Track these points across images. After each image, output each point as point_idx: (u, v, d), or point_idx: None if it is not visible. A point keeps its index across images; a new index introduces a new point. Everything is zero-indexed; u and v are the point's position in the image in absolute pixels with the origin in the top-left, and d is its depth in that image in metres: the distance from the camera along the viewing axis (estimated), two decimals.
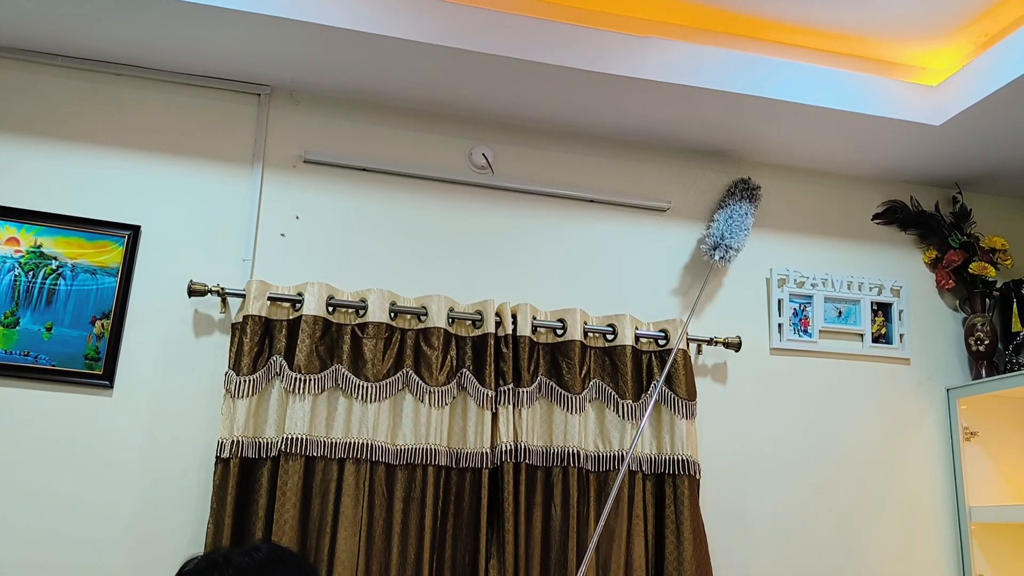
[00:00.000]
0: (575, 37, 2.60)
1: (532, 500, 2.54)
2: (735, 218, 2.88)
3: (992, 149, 2.97)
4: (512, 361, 2.61)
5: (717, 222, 2.90)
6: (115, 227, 2.57)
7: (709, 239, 2.88)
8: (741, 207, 2.91)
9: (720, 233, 2.85)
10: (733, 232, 2.85)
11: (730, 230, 2.85)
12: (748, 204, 2.93)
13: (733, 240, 2.84)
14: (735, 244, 2.85)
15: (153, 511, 2.42)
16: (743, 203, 2.92)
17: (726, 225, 2.86)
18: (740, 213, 2.89)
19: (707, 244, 2.87)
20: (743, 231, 2.87)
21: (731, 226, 2.86)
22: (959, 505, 2.96)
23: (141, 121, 2.68)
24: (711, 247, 2.86)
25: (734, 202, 2.94)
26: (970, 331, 3.08)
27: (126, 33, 2.50)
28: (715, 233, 2.87)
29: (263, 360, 2.49)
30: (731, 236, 2.84)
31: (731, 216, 2.88)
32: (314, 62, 2.62)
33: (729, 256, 2.85)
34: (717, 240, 2.85)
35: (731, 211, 2.90)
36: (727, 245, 2.83)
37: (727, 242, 2.83)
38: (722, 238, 2.84)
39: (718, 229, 2.87)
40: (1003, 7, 2.59)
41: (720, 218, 2.91)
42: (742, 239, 2.87)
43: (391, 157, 2.83)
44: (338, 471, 2.43)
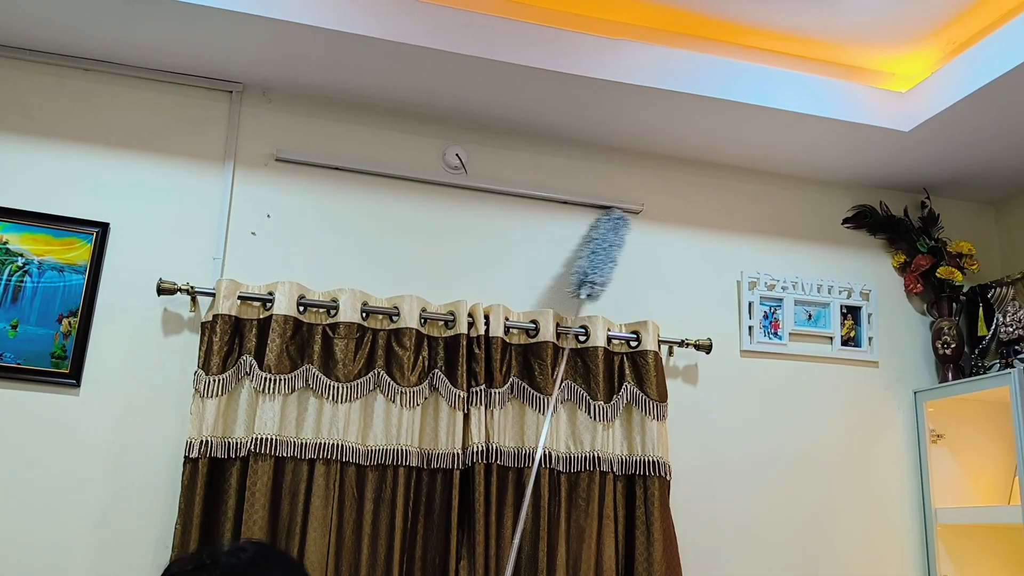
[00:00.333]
0: (548, 39, 2.60)
1: (503, 501, 2.54)
2: (598, 253, 2.81)
3: (960, 155, 3.01)
4: (484, 362, 2.61)
5: (581, 258, 2.83)
6: (83, 224, 2.54)
7: (574, 276, 2.80)
8: (606, 240, 2.84)
9: (583, 270, 2.78)
10: (596, 267, 2.77)
11: (593, 266, 2.77)
12: (613, 235, 2.87)
13: (597, 275, 2.76)
14: (599, 279, 2.76)
15: (120, 512, 2.40)
16: (608, 235, 2.86)
17: (589, 261, 2.79)
18: (604, 247, 2.82)
19: (572, 281, 2.80)
20: (608, 264, 2.80)
21: (594, 261, 2.78)
22: (925, 506, 3.00)
23: (111, 117, 2.65)
24: (576, 284, 2.77)
25: (598, 235, 2.87)
26: (937, 335, 3.12)
27: (96, 28, 2.48)
28: (579, 270, 2.79)
29: (233, 360, 2.47)
30: (595, 271, 2.76)
31: (594, 252, 2.81)
32: (287, 60, 2.60)
33: (595, 292, 2.75)
34: (581, 278, 2.77)
35: (595, 246, 2.83)
36: (591, 282, 2.75)
37: (591, 278, 2.75)
38: (585, 275, 2.76)
39: (582, 266, 2.79)
40: (971, 15, 2.63)
41: (584, 254, 2.84)
42: (607, 273, 2.79)
43: (364, 156, 2.82)
44: (308, 472, 2.41)
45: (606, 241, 2.85)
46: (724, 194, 3.14)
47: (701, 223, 3.09)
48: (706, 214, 3.10)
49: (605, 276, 2.78)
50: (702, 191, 3.12)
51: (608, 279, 2.79)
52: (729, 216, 3.12)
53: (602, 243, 2.84)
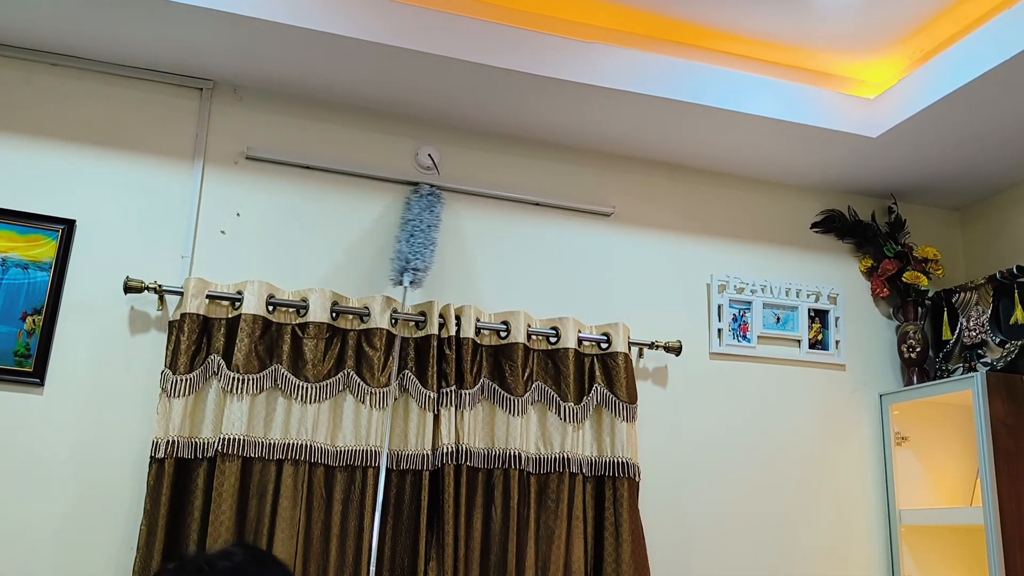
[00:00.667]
0: (521, 40, 2.61)
1: (473, 502, 2.54)
2: (416, 236, 2.67)
3: (926, 162, 3.05)
4: (455, 363, 2.61)
5: (400, 243, 2.68)
6: (49, 221, 2.50)
7: (395, 263, 2.66)
8: (422, 220, 2.70)
9: (404, 255, 2.64)
10: (417, 251, 2.64)
11: (413, 250, 2.64)
12: (428, 215, 2.72)
13: (419, 261, 2.63)
14: (422, 265, 2.64)
15: (84, 512, 2.36)
16: (423, 215, 2.71)
17: (408, 246, 2.65)
18: (421, 228, 2.69)
19: (394, 269, 2.66)
20: (428, 247, 2.67)
21: (414, 245, 2.64)
22: (890, 508, 3.04)
23: (78, 113, 2.62)
24: (398, 271, 2.64)
25: (413, 216, 2.72)
26: (903, 338, 3.16)
27: (64, 23, 2.44)
28: (399, 255, 2.65)
29: (200, 359, 2.45)
30: (416, 256, 2.63)
31: (412, 235, 2.67)
32: (258, 58, 2.59)
33: (418, 278, 2.64)
34: (403, 264, 2.63)
35: (412, 228, 2.68)
36: (414, 268, 2.62)
37: (413, 264, 2.62)
38: (407, 261, 2.63)
39: (402, 251, 2.65)
40: (938, 24, 2.67)
41: (402, 238, 2.68)
42: (429, 257, 2.66)
43: (335, 155, 2.80)
44: (276, 472, 2.40)
45: (422, 222, 2.70)
46: (694, 197, 3.16)
47: (671, 226, 3.10)
48: (676, 217, 3.12)
49: (427, 260, 2.65)
50: (672, 194, 3.14)
51: (430, 263, 2.66)
52: (699, 219, 3.14)
53: (419, 224, 2.69)
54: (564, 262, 2.96)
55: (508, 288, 2.87)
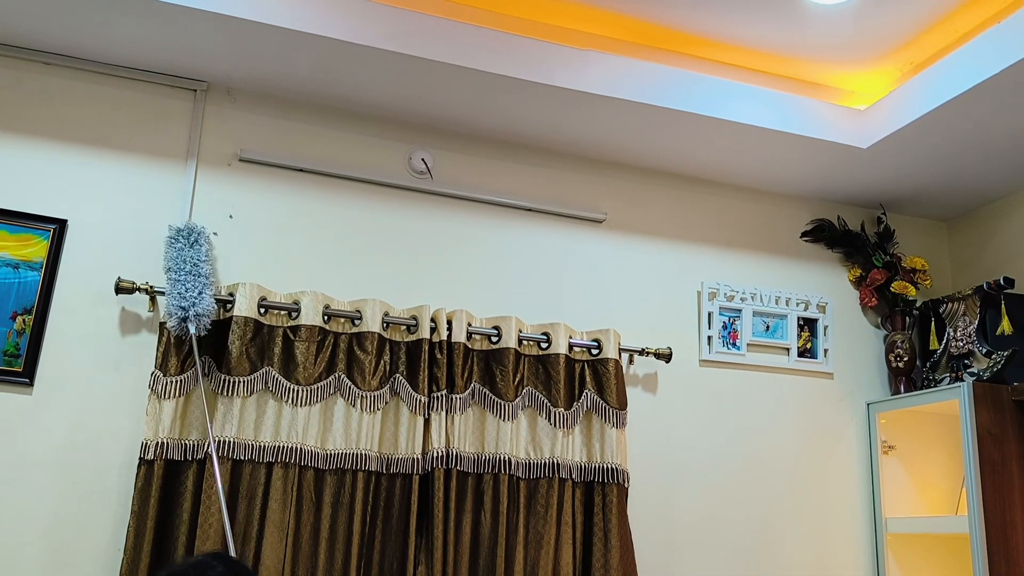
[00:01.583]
0: (516, 47, 2.62)
1: (462, 507, 2.54)
2: (183, 277, 2.40)
3: (915, 173, 3.07)
4: (446, 367, 2.61)
5: (169, 294, 2.39)
6: (40, 220, 2.49)
7: (172, 317, 2.36)
8: (186, 262, 2.43)
9: (178, 303, 2.37)
10: (190, 294, 2.38)
11: (189, 296, 2.37)
12: (192, 251, 2.46)
13: (200, 304, 2.38)
14: (204, 309, 2.38)
15: (72, 513, 2.35)
16: (185, 254, 2.44)
17: (181, 292, 2.38)
18: (186, 270, 2.42)
19: (173, 321, 2.36)
20: (204, 287, 2.41)
21: (189, 290, 2.38)
22: (876, 516, 3.05)
23: (71, 113, 2.61)
24: (180, 320, 2.36)
25: (173, 262, 2.43)
26: (890, 348, 3.18)
27: (56, 22, 2.43)
28: (173, 306, 2.37)
29: (191, 361, 2.44)
30: (197, 302, 2.38)
31: (178, 279, 2.40)
32: (253, 60, 2.59)
33: (203, 323, 2.39)
34: (184, 314, 2.36)
35: (176, 271, 2.41)
36: (196, 313, 2.37)
37: (196, 309, 2.37)
38: (187, 309, 2.37)
39: (175, 301, 2.37)
40: (929, 37, 2.69)
41: (169, 286, 2.40)
42: (208, 298, 2.41)
43: (329, 158, 2.81)
44: (266, 475, 2.39)
45: (186, 262, 2.43)
46: (686, 205, 3.18)
47: (663, 233, 3.12)
48: (668, 224, 3.13)
49: (207, 304, 2.40)
50: (664, 202, 3.15)
51: (211, 307, 2.42)
52: (690, 227, 3.16)
53: (184, 266, 2.42)
54: (556, 268, 2.96)
55: (500, 293, 2.87)
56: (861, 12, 2.58)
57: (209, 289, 2.44)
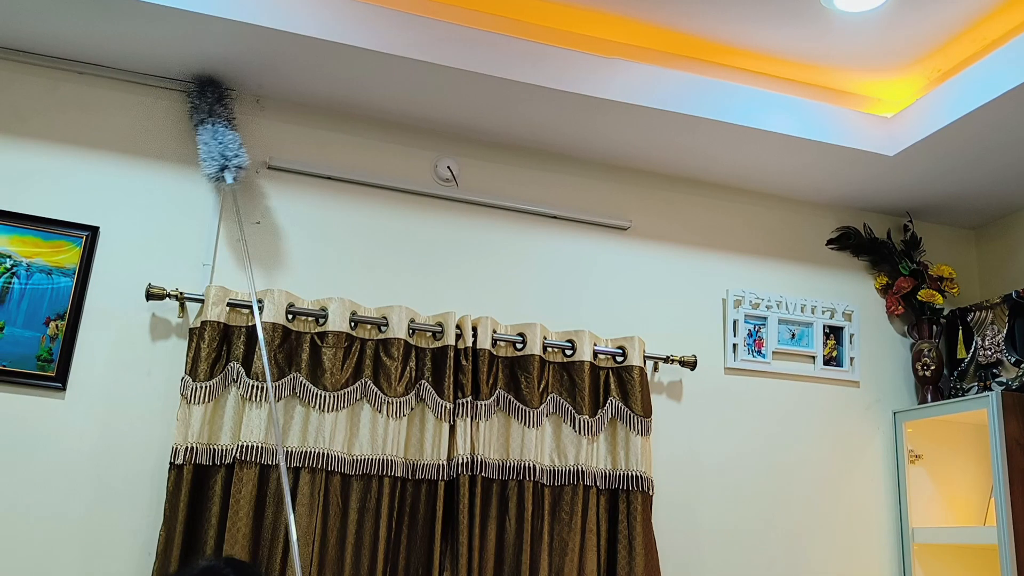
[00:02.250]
0: (542, 55, 2.63)
1: (487, 513, 2.55)
2: (221, 132, 2.56)
3: (942, 181, 3.06)
4: (471, 374, 2.62)
5: (205, 143, 2.55)
6: (73, 227, 2.53)
7: (210, 163, 2.54)
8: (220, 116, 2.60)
9: (219, 152, 2.53)
10: (230, 147, 2.53)
11: (227, 146, 2.53)
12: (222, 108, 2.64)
13: (238, 158, 2.55)
14: (242, 161, 2.56)
15: (104, 517, 2.38)
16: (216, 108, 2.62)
17: (218, 143, 2.53)
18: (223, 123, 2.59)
19: (210, 168, 2.54)
20: (238, 141, 2.58)
21: (225, 142, 2.54)
22: (902, 525, 3.03)
23: (103, 121, 2.65)
24: (217, 170, 2.54)
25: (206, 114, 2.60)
26: (917, 356, 3.16)
27: (90, 32, 2.48)
28: (212, 154, 2.53)
29: (220, 366, 2.47)
30: (234, 154, 2.53)
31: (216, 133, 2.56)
32: (281, 69, 2.62)
33: (240, 176, 2.56)
34: (222, 163, 2.52)
35: (214, 125, 2.57)
36: (236, 165, 2.54)
37: (235, 162, 2.53)
38: (226, 159, 2.53)
39: (213, 149, 2.53)
40: (956, 44, 2.68)
41: (205, 137, 2.56)
42: (243, 152, 2.57)
43: (356, 166, 2.83)
44: (293, 480, 2.41)
45: (221, 116, 2.60)
46: (711, 213, 3.17)
47: (688, 240, 3.12)
48: (693, 232, 3.13)
49: (243, 156, 2.56)
50: (690, 209, 3.15)
51: (245, 158, 2.57)
52: (716, 234, 3.16)
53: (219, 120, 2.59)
54: (581, 275, 2.97)
55: (525, 300, 2.88)
56: (888, 20, 2.57)
57: (241, 145, 2.58)
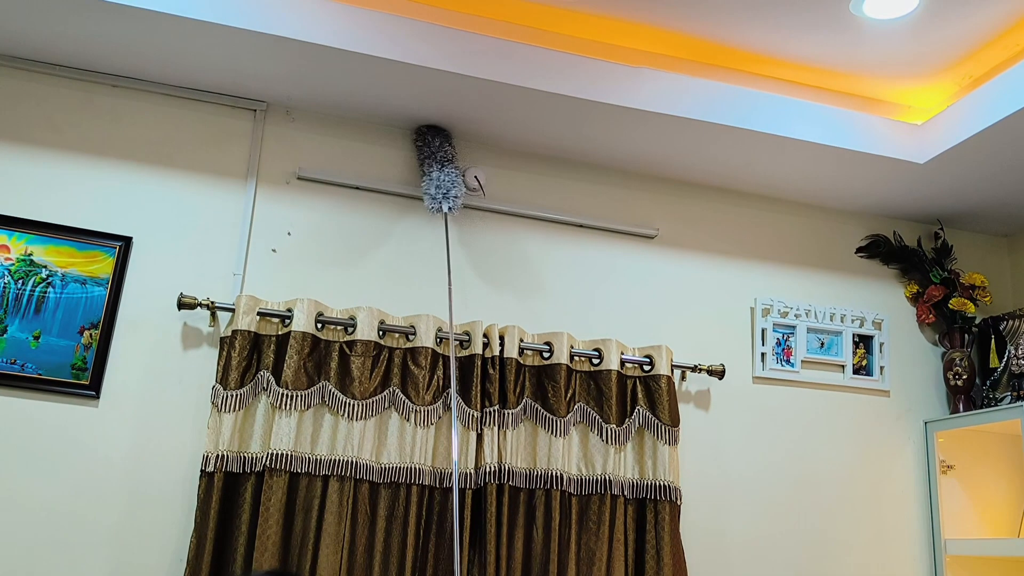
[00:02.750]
0: (568, 65, 2.64)
1: (514, 522, 2.55)
2: (446, 166, 2.75)
3: (973, 188, 3.03)
4: (498, 382, 2.63)
5: (428, 175, 2.75)
6: (107, 238, 2.57)
7: (432, 192, 2.72)
8: (446, 152, 2.80)
9: (442, 185, 2.71)
10: (451, 180, 2.72)
11: (449, 179, 2.72)
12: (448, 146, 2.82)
13: (456, 189, 2.72)
14: (459, 192, 2.73)
15: (136, 523, 2.42)
16: (444, 146, 2.81)
17: (442, 174, 2.73)
18: (448, 158, 2.78)
19: (431, 198, 2.72)
20: (458, 176, 2.76)
21: (447, 174, 2.73)
22: (935, 537, 3.00)
23: (136, 133, 2.69)
24: (437, 199, 2.71)
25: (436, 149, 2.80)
26: (949, 365, 3.12)
27: (123, 45, 2.52)
28: (434, 185, 2.72)
29: (251, 375, 2.50)
30: (453, 185, 2.72)
31: (443, 165, 2.75)
32: (311, 80, 2.65)
33: (456, 206, 2.72)
34: (442, 193, 2.71)
35: (440, 159, 2.77)
36: (454, 196, 2.71)
37: (453, 193, 2.71)
38: (447, 190, 2.71)
39: (435, 180, 2.72)
40: (987, 51, 2.65)
41: (432, 169, 2.76)
42: (460, 185, 2.75)
43: (384, 176, 2.85)
44: (322, 488, 2.43)
45: (447, 152, 2.79)
46: (739, 221, 3.16)
47: (715, 249, 3.11)
48: (721, 240, 3.12)
49: (460, 188, 2.73)
50: (717, 217, 3.14)
51: (462, 191, 2.74)
52: (743, 243, 3.14)
53: (444, 155, 2.78)
54: (608, 284, 2.97)
55: (551, 309, 2.89)
56: (918, 27, 2.55)
57: (461, 178, 2.77)
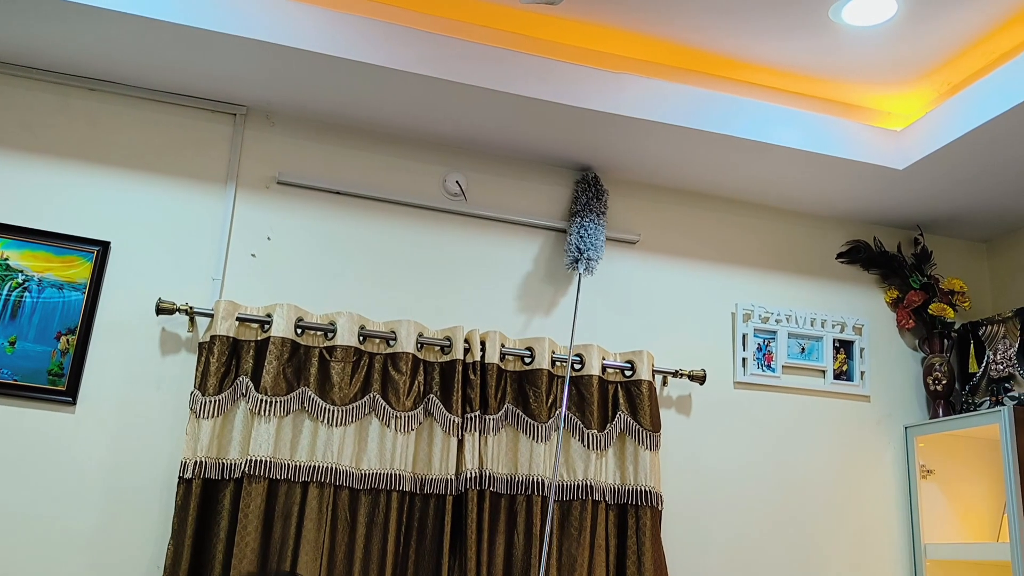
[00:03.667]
0: (549, 70, 2.64)
1: (495, 528, 2.54)
2: (588, 228, 2.85)
3: (952, 194, 3.05)
4: (480, 388, 2.62)
5: (571, 233, 2.88)
6: (84, 242, 2.55)
7: (569, 252, 2.86)
8: (591, 211, 2.89)
9: (576, 246, 2.83)
10: (589, 242, 2.83)
11: (585, 241, 2.82)
12: (596, 203, 2.91)
13: (593, 251, 2.83)
14: (595, 255, 2.83)
15: (113, 531, 2.39)
16: (592, 204, 2.90)
17: (580, 236, 2.84)
18: (591, 222, 2.87)
19: (568, 257, 2.86)
20: (600, 237, 2.86)
21: (585, 236, 2.83)
22: (914, 541, 3.01)
23: (114, 137, 2.67)
24: (572, 260, 2.84)
25: (581, 207, 2.91)
26: (928, 371, 3.14)
27: (101, 49, 2.50)
28: (572, 245, 2.85)
29: (229, 381, 2.48)
30: (590, 247, 2.82)
31: (583, 227, 2.86)
32: (291, 85, 2.63)
33: (591, 267, 2.83)
34: (576, 254, 2.83)
35: (583, 220, 2.87)
36: (587, 257, 2.82)
37: (587, 255, 2.82)
38: (581, 251, 2.82)
39: (573, 242, 2.85)
40: (964, 58, 2.67)
41: (573, 230, 2.88)
42: (600, 246, 2.86)
43: (365, 181, 2.84)
44: (301, 494, 2.42)
45: (591, 211, 2.88)
46: (720, 226, 3.17)
47: (697, 254, 3.11)
48: (702, 245, 3.13)
49: (599, 250, 2.84)
50: (698, 223, 3.15)
51: (601, 254, 2.85)
52: (724, 248, 3.15)
53: (588, 214, 2.87)
54: (589, 289, 2.97)
55: (533, 314, 2.89)
56: (896, 34, 2.57)
57: (603, 239, 2.87)
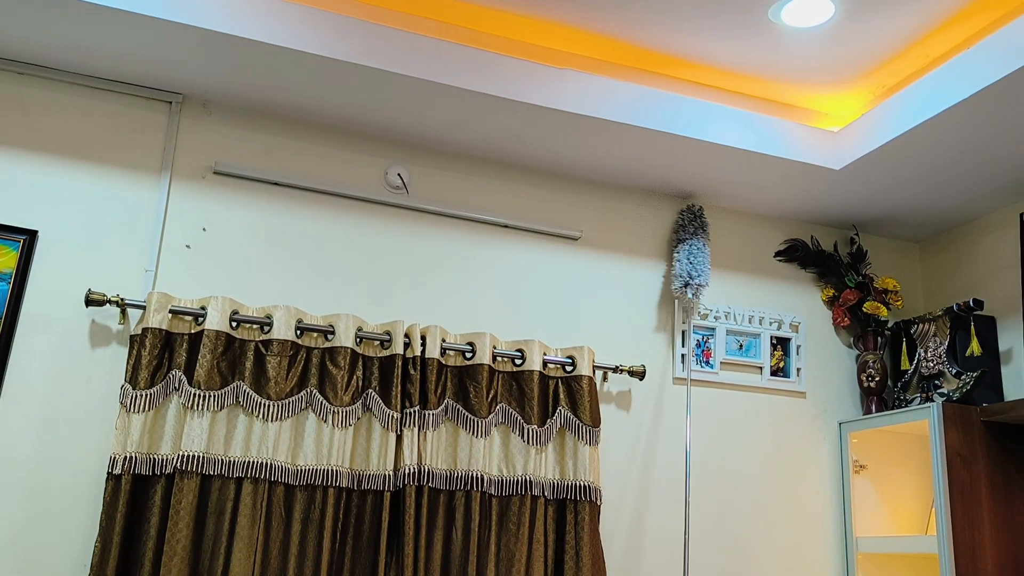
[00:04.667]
0: (492, 64, 2.63)
1: (433, 523, 2.53)
2: (695, 254, 3.01)
3: (887, 194, 3.11)
4: (419, 383, 2.61)
5: (678, 261, 3.03)
6: (10, 231, 2.47)
7: (677, 279, 3.01)
8: (698, 239, 3.05)
9: (687, 272, 2.99)
10: (698, 269, 2.98)
11: (695, 268, 2.98)
12: (703, 232, 3.08)
13: (701, 277, 2.98)
14: (703, 281, 2.99)
15: (38, 528, 2.32)
16: (699, 233, 3.06)
17: (689, 263, 3.00)
18: (698, 247, 3.02)
19: (676, 283, 3.01)
20: (706, 264, 3.02)
21: (694, 263, 2.99)
22: (847, 535, 3.07)
23: (44, 123, 2.59)
24: (681, 285, 2.99)
25: (689, 236, 3.05)
26: (862, 368, 3.20)
27: (31, 32, 2.42)
28: (681, 272, 3.00)
29: (162, 374, 2.43)
30: (698, 274, 2.98)
31: (691, 252, 3.01)
32: (229, 73, 2.58)
33: (698, 293, 3.00)
34: (686, 280, 2.99)
35: (690, 246, 3.03)
36: (697, 284, 2.98)
37: (696, 281, 2.98)
38: (691, 277, 2.98)
39: (683, 268, 3.00)
40: (901, 60, 2.73)
41: (681, 256, 3.03)
42: (707, 273, 3.01)
43: (304, 172, 2.80)
44: (235, 491, 2.37)
45: (699, 239, 3.05)
46: (661, 224, 3.19)
47: (638, 251, 3.13)
48: (643, 242, 3.15)
49: (706, 276, 3.00)
50: (640, 220, 3.17)
51: (708, 280, 3.01)
52: (666, 245, 3.17)
53: (696, 242, 3.04)
54: (531, 285, 2.97)
55: (474, 309, 2.87)
56: (834, 35, 2.61)
57: (708, 266, 3.02)
